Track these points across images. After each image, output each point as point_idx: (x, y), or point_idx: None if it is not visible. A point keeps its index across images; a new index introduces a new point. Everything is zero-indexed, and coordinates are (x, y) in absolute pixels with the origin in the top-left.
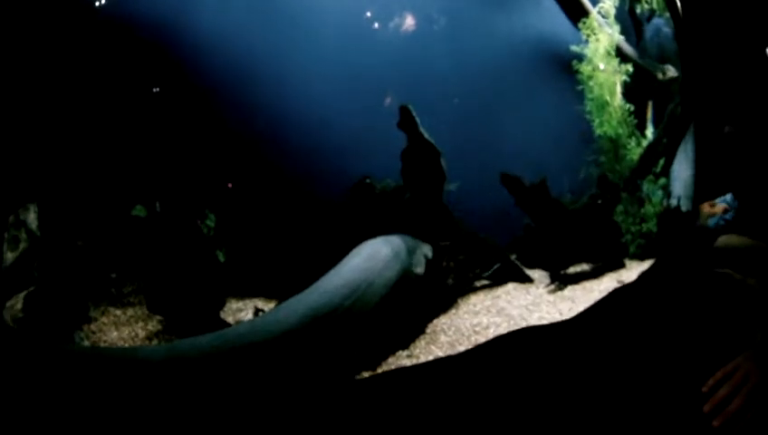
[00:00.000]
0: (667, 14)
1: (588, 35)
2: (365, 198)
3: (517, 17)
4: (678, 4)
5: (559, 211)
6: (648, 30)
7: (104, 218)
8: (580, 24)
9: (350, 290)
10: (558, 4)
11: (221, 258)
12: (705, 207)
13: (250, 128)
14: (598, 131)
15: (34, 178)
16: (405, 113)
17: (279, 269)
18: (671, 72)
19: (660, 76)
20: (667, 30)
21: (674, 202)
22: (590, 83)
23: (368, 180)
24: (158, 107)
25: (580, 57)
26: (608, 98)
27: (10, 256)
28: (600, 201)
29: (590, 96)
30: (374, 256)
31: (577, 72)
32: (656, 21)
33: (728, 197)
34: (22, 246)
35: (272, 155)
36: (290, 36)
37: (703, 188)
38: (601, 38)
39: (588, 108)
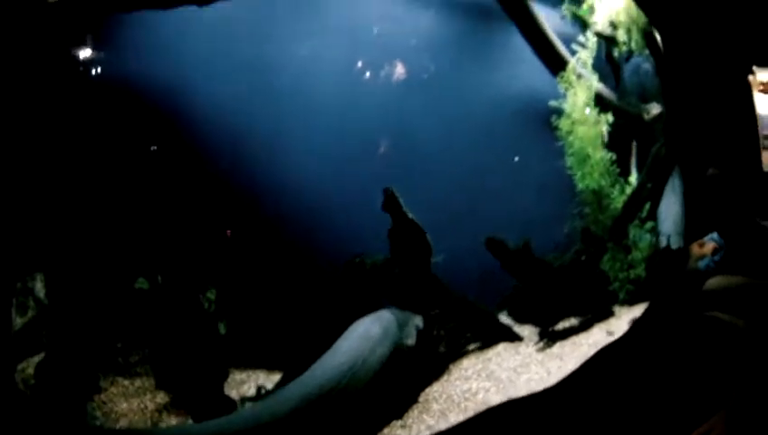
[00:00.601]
0: (646, 52)
1: (566, 89)
2: (357, 274)
3: (501, 73)
4: (659, 41)
5: (544, 271)
6: (627, 68)
7: (108, 288)
8: (558, 78)
9: (348, 368)
10: (539, 58)
11: (222, 330)
12: (695, 248)
13: (247, 192)
14: (580, 185)
15: (40, 246)
16: (389, 198)
17: (278, 341)
18: (655, 109)
19: (645, 116)
20: (646, 66)
21: (663, 241)
22: (570, 138)
23: (357, 259)
24: (158, 173)
25: (560, 112)
26: (588, 151)
27: (19, 322)
28: (583, 257)
29: (570, 151)
30: (366, 335)
31: (556, 128)
32: (634, 58)
33: (715, 234)
34: (30, 313)
35: (268, 219)
36: (285, 101)
37: (694, 223)
38: (579, 92)
39: (569, 163)
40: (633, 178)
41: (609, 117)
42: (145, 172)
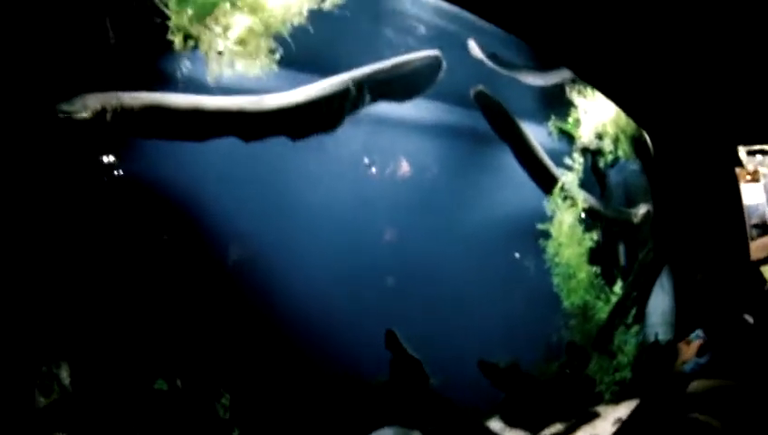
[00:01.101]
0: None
1: (553, 212)
2: (364, 395)
3: (495, 195)
4: (648, 145)
5: (531, 385)
6: (613, 171)
7: (128, 384)
8: (546, 201)
9: None
10: (531, 179)
11: None
12: (683, 348)
13: (256, 300)
14: (565, 302)
15: (66, 334)
16: (390, 337)
17: None
18: (642, 209)
19: (634, 220)
20: (631, 167)
21: (651, 335)
22: (556, 259)
23: (363, 382)
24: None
25: (547, 235)
26: (573, 271)
27: (42, 401)
28: (567, 370)
29: (556, 271)
30: None
31: (543, 250)
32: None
33: (700, 331)
34: (53, 396)
35: (277, 328)
36: (294, 221)
37: (684, 317)
38: (565, 215)
39: (556, 281)
40: (618, 288)
41: (594, 235)
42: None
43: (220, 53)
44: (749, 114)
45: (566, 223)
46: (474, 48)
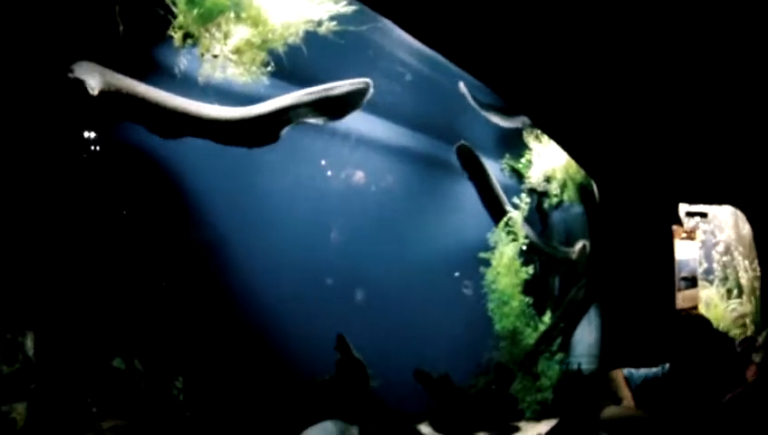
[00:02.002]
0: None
1: (495, 243)
2: (309, 390)
3: (445, 220)
4: (593, 194)
5: (460, 396)
6: (557, 213)
7: (88, 358)
8: (489, 234)
9: None
10: (486, 210)
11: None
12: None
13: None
14: (497, 326)
15: (32, 306)
16: (340, 340)
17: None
18: (578, 249)
19: (572, 257)
20: (576, 210)
21: (575, 364)
22: (493, 286)
23: (309, 378)
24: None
25: (487, 263)
26: (507, 298)
27: (5, 369)
28: (493, 386)
29: (492, 297)
30: None
31: (482, 277)
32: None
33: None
34: (17, 365)
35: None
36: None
37: (609, 353)
38: (506, 248)
39: (490, 307)
40: (547, 318)
41: (530, 269)
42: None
43: (215, 56)
44: (693, 175)
45: (506, 255)
46: (463, 89)
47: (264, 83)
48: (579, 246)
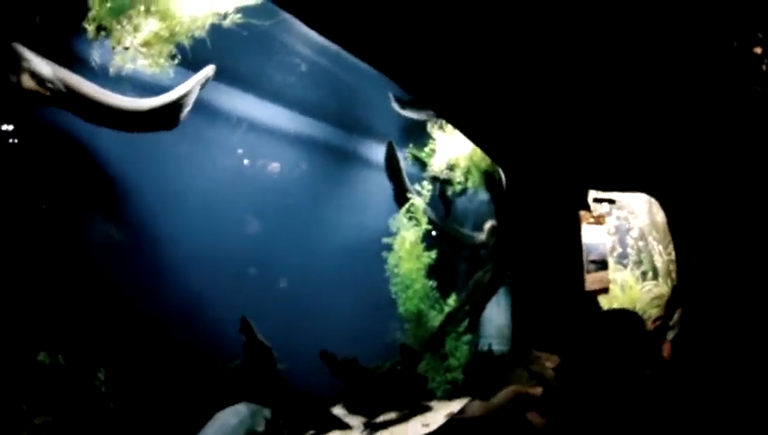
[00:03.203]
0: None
1: (398, 229)
2: (221, 375)
3: (349, 206)
4: (499, 180)
5: (367, 376)
6: (463, 200)
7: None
8: (391, 219)
9: None
10: (394, 198)
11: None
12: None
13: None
14: (401, 309)
15: None
16: (245, 324)
17: (156, 425)
18: (483, 235)
19: (475, 242)
20: (482, 196)
21: (485, 345)
22: (396, 270)
23: (220, 364)
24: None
25: (390, 248)
26: (410, 282)
27: None
28: (399, 367)
29: (395, 281)
30: (226, 423)
31: (385, 261)
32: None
33: None
34: None
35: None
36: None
37: (520, 333)
38: (408, 233)
39: (394, 290)
40: (452, 300)
41: (433, 254)
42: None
43: (126, 48)
44: (605, 163)
45: (408, 240)
46: (391, 98)
47: (173, 74)
48: (483, 235)
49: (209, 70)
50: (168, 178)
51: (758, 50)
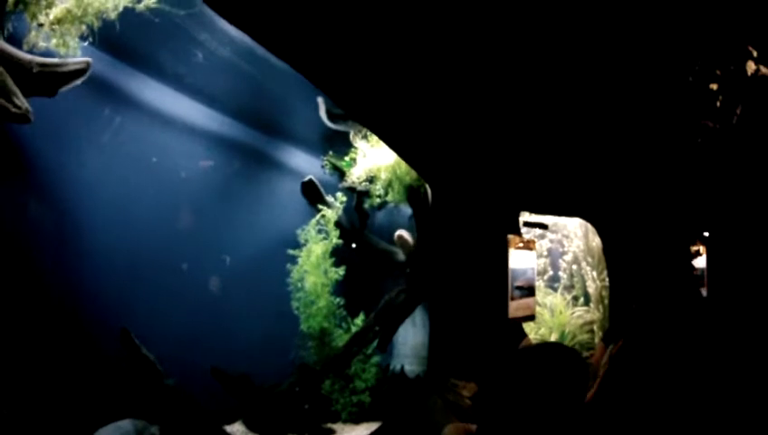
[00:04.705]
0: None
1: (305, 241)
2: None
3: (260, 211)
4: (422, 196)
5: (261, 395)
6: (382, 214)
7: None
8: (299, 231)
9: None
10: (310, 206)
11: None
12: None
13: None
14: (302, 327)
15: None
16: (125, 336)
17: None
18: (401, 255)
19: (395, 259)
20: (405, 212)
21: (398, 366)
22: (299, 285)
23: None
24: None
25: (294, 260)
26: (314, 297)
27: None
28: (297, 388)
29: (296, 296)
30: None
31: (289, 273)
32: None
33: None
34: None
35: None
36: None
37: (438, 355)
38: (315, 247)
39: (295, 306)
40: (360, 320)
41: (341, 271)
42: None
43: (41, 25)
44: (536, 184)
45: (315, 253)
46: (321, 106)
47: (84, 54)
48: (401, 255)
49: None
50: (55, 167)
51: (714, 86)
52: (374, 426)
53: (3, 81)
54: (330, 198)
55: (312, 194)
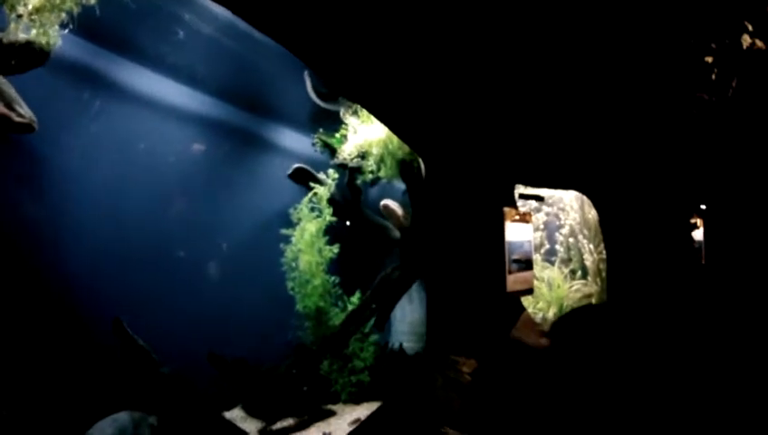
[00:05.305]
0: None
1: (297, 220)
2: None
3: (251, 193)
4: (416, 169)
5: (260, 379)
6: (375, 190)
7: None
8: (292, 210)
9: None
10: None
11: None
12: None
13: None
14: (298, 306)
15: None
16: (117, 325)
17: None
18: (396, 232)
19: (391, 236)
20: (398, 187)
21: (397, 344)
22: (293, 265)
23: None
24: None
25: (288, 240)
26: (309, 277)
27: None
28: (294, 370)
29: (291, 275)
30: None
31: (282, 253)
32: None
33: None
34: None
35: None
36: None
37: (436, 331)
38: (308, 225)
39: (290, 286)
40: (356, 298)
41: (335, 248)
42: None
43: (20, 16)
44: (531, 157)
45: (308, 232)
46: (308, 85)
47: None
48: (396, 232)
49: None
50: (45, 155)
51: (709, 59)
52: (375, 405)
53: (2, 90)
54: (321, 175)
55: (304, 178)
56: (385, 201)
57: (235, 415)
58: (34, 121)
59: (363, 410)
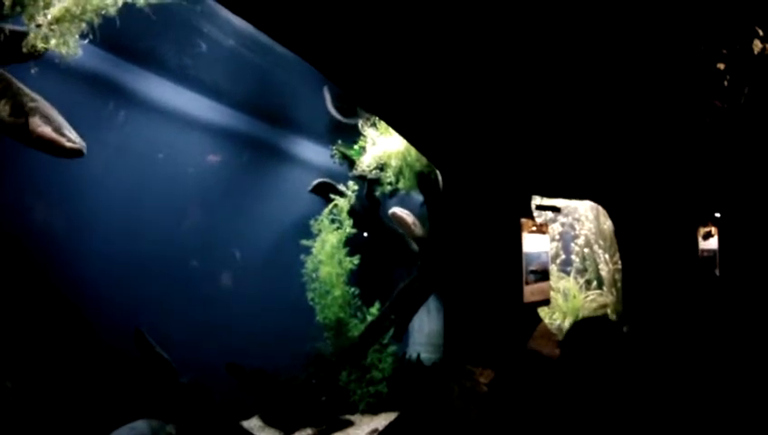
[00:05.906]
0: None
1: (318, 232)
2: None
3: (269, 202)
4: (434, 182)
5: (279, 389)
6: (394, 202)
7: None
8: (312, 221)
9: None
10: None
11: None
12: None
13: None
14: (319, 317)
15: None
16: (139, 336)
17: None
18: (414, 244)
19: (410, 248)
20: (417, 199)
21: (414, 354)
22: (314, 275)
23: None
24: None
25: (308, 251)
26: (329, 288)
27: None
28: (313, 380)
29: (312, 286)
30: None
31: (302, 264)
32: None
33: None
34: None
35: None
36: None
37: (454, 342)
38: (329, 237)
39: (310, 296)
40: (375, 309)
41: (356, 260)
42: None
43: (39, 26)
44: (547, 168)
45: (329, 243)
46: (327, 100)
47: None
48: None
49: None
50: (65, 167)
51: (721, 66)
52: (392, 416)
53: (51, 115)
54: (341, 187)
55: (326, 191)
56: (393, 209)
57: (253, 425)
58: (84, 147)
59: (381, 421)
